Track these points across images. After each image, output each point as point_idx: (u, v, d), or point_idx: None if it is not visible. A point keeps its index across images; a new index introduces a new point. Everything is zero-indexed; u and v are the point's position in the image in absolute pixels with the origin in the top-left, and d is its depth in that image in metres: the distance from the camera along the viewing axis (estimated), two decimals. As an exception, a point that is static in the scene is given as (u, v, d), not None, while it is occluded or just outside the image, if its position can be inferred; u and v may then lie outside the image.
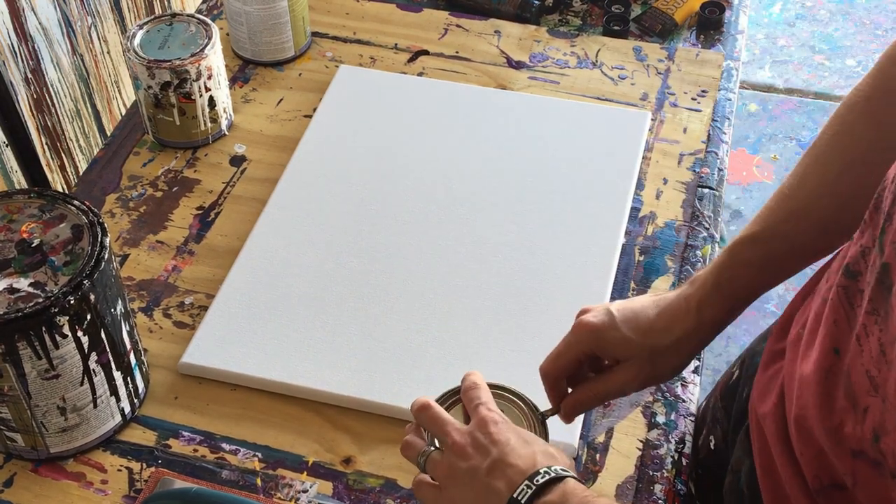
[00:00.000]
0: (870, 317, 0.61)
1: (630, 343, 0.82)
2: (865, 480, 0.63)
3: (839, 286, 0.67)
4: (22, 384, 0.85)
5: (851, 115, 0.79)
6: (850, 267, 0.66)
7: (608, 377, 0.84)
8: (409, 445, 0.78)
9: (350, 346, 1.00)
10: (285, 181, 1.17)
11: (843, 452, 0.64)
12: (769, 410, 0.77)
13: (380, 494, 0.91)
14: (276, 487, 0.92)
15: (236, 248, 1.10)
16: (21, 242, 0.87)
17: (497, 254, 1.09)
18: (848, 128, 0.79)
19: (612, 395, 0.84)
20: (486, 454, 0.73)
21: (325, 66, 1.33)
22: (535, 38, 1.36)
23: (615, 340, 0.82)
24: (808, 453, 0.70)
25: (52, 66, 1.24)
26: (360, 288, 1.05)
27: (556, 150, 1.20)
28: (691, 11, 1.39)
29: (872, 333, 0.61)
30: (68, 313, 0.83)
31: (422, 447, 0.77)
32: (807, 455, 0.70)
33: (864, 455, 0.62)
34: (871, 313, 0.61)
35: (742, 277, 0.82)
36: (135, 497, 0.91)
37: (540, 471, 0.71)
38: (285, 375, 0.98)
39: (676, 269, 1.09)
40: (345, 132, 1.22)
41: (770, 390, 0.78)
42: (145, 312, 1.05)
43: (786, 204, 0.81)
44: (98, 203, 1.16)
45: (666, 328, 0.82)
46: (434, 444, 0.77)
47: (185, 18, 1.20)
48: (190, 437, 0.95)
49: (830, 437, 0.65)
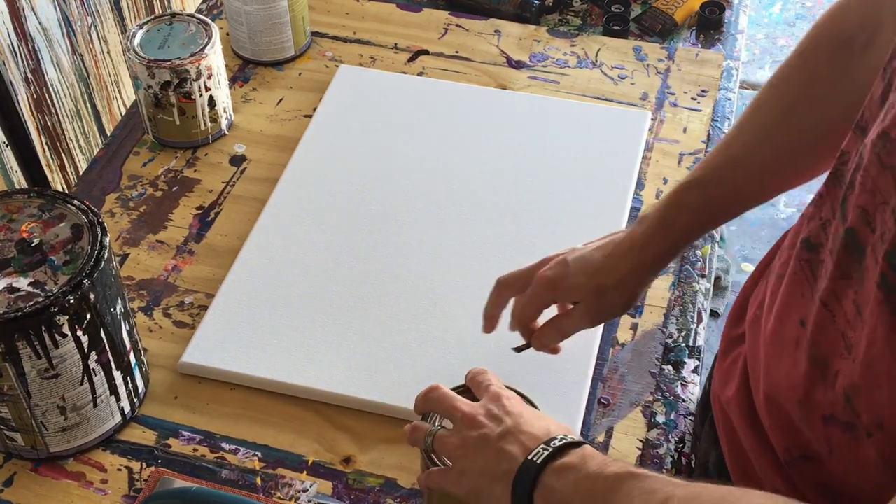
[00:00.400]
0: (840, 282, 0.64)
1: (581, 287, 0.89)
2: (839, 446, 0.65)
3: (801, 260, 0.70)
4: (22, 383, 0.85)
5: (788, 69, 0.85)
6: (811, 240, 0.69)
7: (566, 317, 0.91)
8: (415, 428, 0.79)
9: (350, 346, 1.00)
10: (285, 181, 1.17)
11: (815, 420, 0.66)
12: (732, 395, 0.79)
13: (379, 494, 0.91)
14: (275, 487, 0.92)
15: (236, 247, 1.10)
16: (21, 242, 0.87)
17: (497, 253, 1.09)
18: (784, 79, 0.85)
19: (571, 331, 0.92)
20: (499, 423, 0.73)
21: (325, 66, 1.33)
22: (535, 38, 1.36)
23: (569, 287, 0.89)
24: (778, 427, 0.71)
25: (52, 66, 1.24)
26: (359, 288, 1.05)
27: (556, 150, 1.20)
28: (691, 11, 1.39)
29: (847, 297, 0.63)
30: (68, 313, 0.83)
31: (428, 428, 0.77)
32: (777, 429, 0.72)
33: (835, 420, 0.64)
34: (841, 278, 0.64)
35: (684, 219, 0.87)
36: (135, 496, 0.91)
37: (556, 436, 0.71)
38: (285, 375, 0.98)
39: (676, 268, 1.09)
40: (345, 132, 1.22)
41: (732, 376, 0.80)
42: (145, 312, 1.05)
43: (726, 151, 0.87)
44: (98, 203, 1.16)
45: (612, 267, 0.88)
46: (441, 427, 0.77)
47: (185, 18, 1.20)
48: (190, 436, 0.95)
49: (802, 407, 0.67)
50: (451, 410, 0.77)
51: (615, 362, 1.01)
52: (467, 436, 0.74)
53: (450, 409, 0.77)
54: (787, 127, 0.84)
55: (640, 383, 0.99)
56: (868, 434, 0.62)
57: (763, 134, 0.85)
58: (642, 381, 0.99)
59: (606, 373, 1.00)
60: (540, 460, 0.69)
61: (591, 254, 0.90)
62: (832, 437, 0.66)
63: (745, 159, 0.86)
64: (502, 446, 0.72)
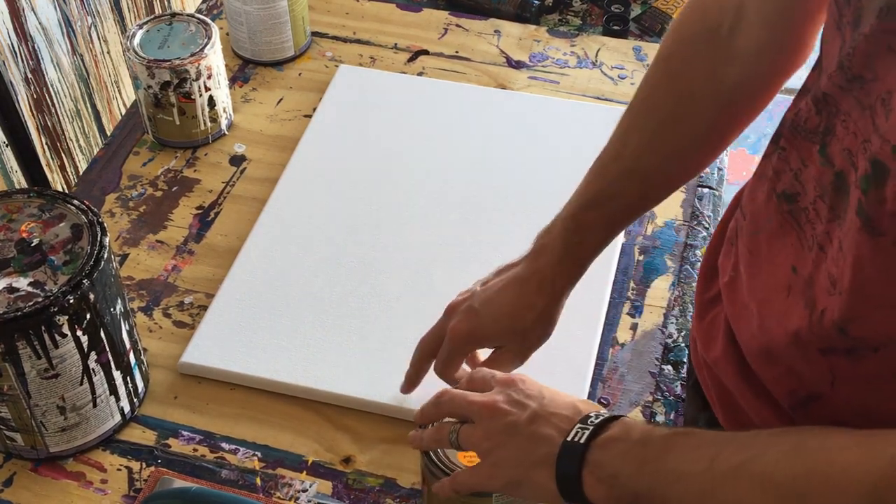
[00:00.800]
0: (832, 224, 0.65)
1: (499, 333, 0.89)
2: (843, 374, 0.65)
3: (782, 212, 0.70)
4: (21, 383, 0.85)
5: (655, 77, 0.84)
6: (788, 192, 0.70)
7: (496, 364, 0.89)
8: (439, 428, 0.77)
9: (350, 346, 1.00)
10: (285, 181, 1.17)
11: (813, 356, 0.67)
12: (720, 355, 0.79)
13: (379, 494, 0.91)
14: (275, 487, 0.92)
15: (236, 247, 1.10)
16: (20, 242, 0.87)
17: (497, 253, 1.08)
18: (653, 89, 0.84)
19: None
20: (524, 407, 0.72)
21: (325, 66, 1.33)
22: (535, 38, 1.36)
23: (486, 336, 0.89)
24: (778, 375, 0.72)
25: (52, 66, 1.24)
26: (360, 287, 1.05)
27: (556, 151, 1.20)
28: (691, 11, 1.39)
29: (835, 237, 0.64)
30: (68, 313, 0.83)
31: (450, 426, 0.75)
32: (777, 378, 0.72)
33: (833, 350, 0.65)
34: (832, 220, 0.65)
35: (588, 241, 0.88)
36: (134, 496, 0.91)
37: (590, 414, 0.70)
38: (285, 375, 0.98)
39: (676, 268, 1.09)
40: (345, 132, 1.22)
41: (714, 336, 0.80)
42: (145, 312, 1.05)
43: (614, 166, 0.86)
44: (98, 203, 1.16)
45: (527, 307, 0.88)
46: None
47: (185, 18, 1.20)
48: (189, 436, 0.95)
49: (798, 347, 0.68)
50: (468, 406, 0.75)
51: (615, 362, 1.01)
52: (493, 426, 0.72)
53: (466, 405, 0.75)
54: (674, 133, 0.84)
55: (640, 383, 0.99)
56: (874, 350, 0.63)
57: (651, 139, 0.84)
58: (642, 381, 0.99)
59: (606, 373, 1.00)
60: (583, 440, 0.68)
61: (498, 296, 0.88)
62: (835, 367, 0.66)
63: (637, 169, 0.85)
64: (535, 430, 0.70)
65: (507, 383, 0.75)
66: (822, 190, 0.66)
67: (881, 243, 0.59)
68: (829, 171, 0.66)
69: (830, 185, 0.65)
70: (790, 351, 0.69)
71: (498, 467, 0.72)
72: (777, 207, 0.72)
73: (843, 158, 0.64)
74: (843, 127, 0.64)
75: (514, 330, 0.88)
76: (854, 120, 0.63)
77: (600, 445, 0.68)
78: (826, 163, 0.66)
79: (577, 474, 0.68)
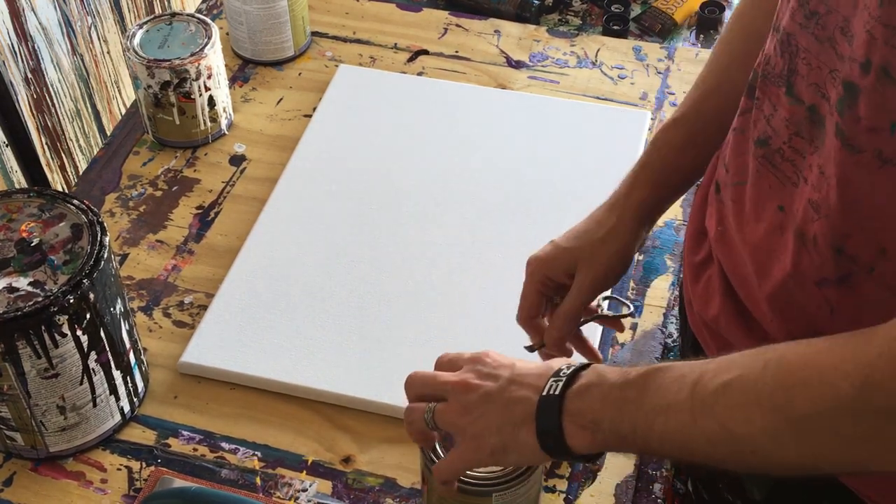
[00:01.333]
0: (813, 156, 0.67)
1: (571, 251, 0.87)
2: (840, 305, 0.67)
3: (759, 158, 0.72)
4: (21, 383, 0.86)
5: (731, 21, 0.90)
6: (761, 138, 0.72)
7: (567, 295, 0.88)
8: (411, 410, 0.77)
9: (350, 346, 1.00)
10: (285, 181, 1.17)
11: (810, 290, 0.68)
12: (719, 311, 0.79)
13: (379, 493, 0.91)
14: (275, 486, 0.92)
15: (236, 247, 1.10)
16: (20, 241, 0.87)
17: (497, 252, 1.09)
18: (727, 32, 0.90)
19: (575, 308, 0.88)
20: (495, 378, 0.72)
21: (325, 66, 1.33)
22: (535, 38, 1.36)
23: (559, 258, 0.88)
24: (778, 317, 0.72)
25: (52, 66, 1.24)
26: (359, 287, 1.05)
27: (555, 150, 1.20)
28: (691, 11, 1.39)
29: (813, 164, 0.67)
30: (67, 312, 0.83)
31: (425, 406, 0.75)
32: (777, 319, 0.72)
33: (827, 281, 0.66)
34: (813, 153, 0.67)
35: (666, 157, 0.88)
36: (134, 496, 0.91)
37: (561, 367, 0.70)
38: (285, 375, 0.98)
39: (676, 268, 1.09)
40: (344, 132, 1.22)
41: (710, 294, 0.81)
42: (145, 312, 1.05)
43: (701, 86, 0.90)
44: (98, 202, 1.16)
45: (598, 223, 0.88)
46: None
47: (185, 18, 1.20)
48: (189, 436, 0.95)
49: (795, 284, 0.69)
50: (440, 386, 0.74)
51: (615, 362, 1.01)
52: (468, 400, 0.72)
53: (438, 384, 0.75)
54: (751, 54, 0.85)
55: (640, 383, 0.99)
56: (870, 270, 0.64)
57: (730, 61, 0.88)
58: (642, 381, 0.99)
59: None
60: (557, 391, 0.68)
61: (577, 224, 0.90)
62: (831, 298, 0.67)
63: (718, 89, 0.87)
64: (510, 395, 0.70)
65: (475, 360, 0.75)
66: (797, 127, 0.68)
67: (861, 160, 0.61)
68: (800, 108, 0.68)
69: (805, 119, 0.67)
70: (788, 289, 0.70)
71: (480, 438, 0.71)
72: (754, 154, 0.73)
73: (811, 93, 0.66)
74: (805, 65, 0.66)
75: (585, 248, 0.87)
76: (815, 55, 0.65)
77: (576, 394, 0.68)
78: (795, 101, 0.68)
79: (559, 426, 0.68)
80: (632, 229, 0.88)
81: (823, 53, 0.64)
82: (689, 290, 0.86)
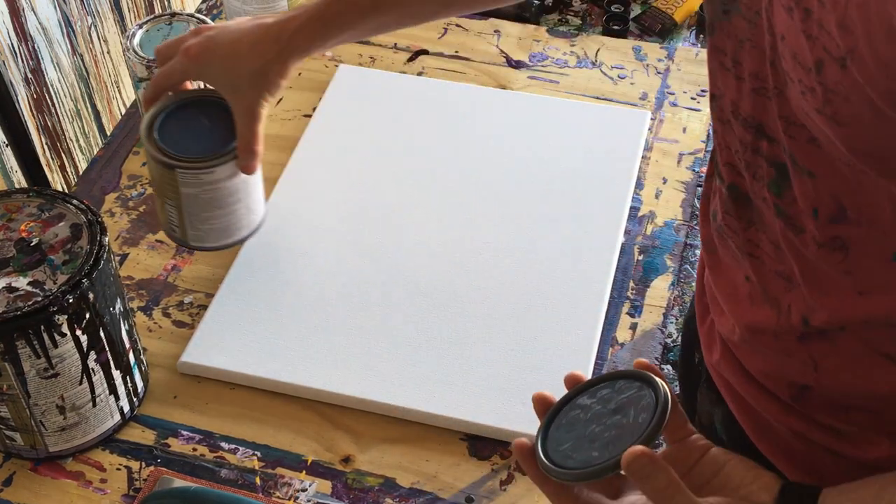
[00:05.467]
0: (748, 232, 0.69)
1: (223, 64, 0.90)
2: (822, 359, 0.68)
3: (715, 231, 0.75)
4: (21, 383, 0.86)
5: None
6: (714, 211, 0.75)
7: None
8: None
9: (350, 346, 1.00)
10: (285, 181, 1.17)
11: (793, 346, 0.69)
12: (720, 357, 0.80)
13: (378, 493, 0.91)
14: (275, 486, 0.92)
15: (236, 247, 1.10)
16: (20, 241, 0.87)
17: (496, 253, 1.09)
18: None
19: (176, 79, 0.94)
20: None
21: (325, 66, 1.33)
22: (535, 38, 1.36)
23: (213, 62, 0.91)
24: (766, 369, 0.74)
25: (52, 66, 1.24)
26: (359, 287, 1.05)
27: (555, 150, 1.20)
28: (691, 11, 1.39)
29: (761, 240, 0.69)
30: (67, 312, 0.83)
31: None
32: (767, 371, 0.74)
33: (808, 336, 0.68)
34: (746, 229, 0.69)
35: (346, 17, 0.91)
36: (134, 496, 0.91)
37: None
38: (285, 375, 0.98)
39: (675, 268, 1.09)
40: (344, 132, 1.22)
41: (713, 339, 0.82)
42: (145, 312, 1.05)
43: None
44: (98, 202, 1.16)
45: (259, 52, 0.89)
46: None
47: (185, 18, 1.20)
48: (189, 436, 0.95)
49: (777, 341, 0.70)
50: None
51: (614, 362, 1.01)
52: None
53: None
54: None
55: (640, 383, 0.99)
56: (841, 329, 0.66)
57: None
58: (642, 381, 0.99)
59: (606, 373, 1.00)
60: None
61: (238, 32, 0.90)
62: (813, 352, 0.68)
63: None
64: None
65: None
66: (726, 206, 0.71)
67: (804, 239, 0.62)
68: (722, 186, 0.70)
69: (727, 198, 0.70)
70: (770, 345, 0.71)
71: None
72: (712, 226, 0.76)
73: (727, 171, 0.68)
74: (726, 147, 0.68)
75: (233, 68, 0.89)
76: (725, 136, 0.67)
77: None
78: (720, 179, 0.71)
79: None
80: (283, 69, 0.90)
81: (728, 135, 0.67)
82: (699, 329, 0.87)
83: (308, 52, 0.91)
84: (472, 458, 0.93)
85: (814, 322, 0.66)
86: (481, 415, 0.94)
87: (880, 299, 0.62)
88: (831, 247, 0.62)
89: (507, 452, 0.93)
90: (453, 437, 0.95)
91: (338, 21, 0.90)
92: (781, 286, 0.68)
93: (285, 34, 0.89)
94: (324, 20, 0.90)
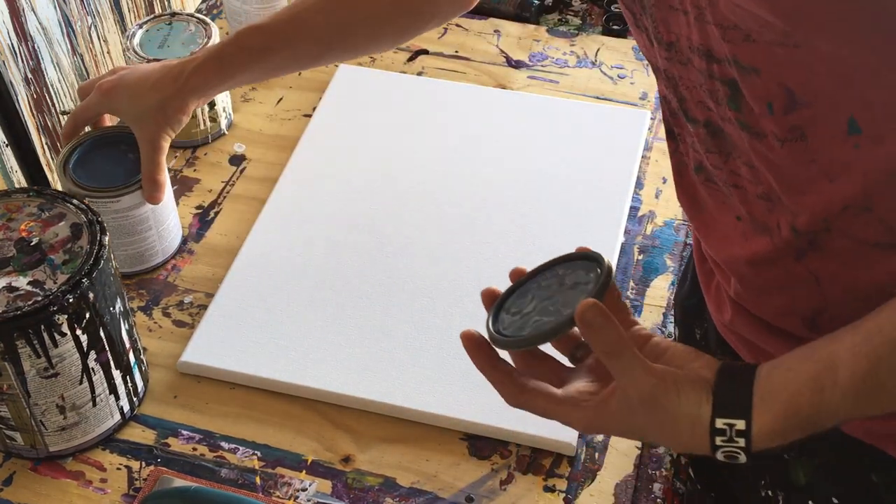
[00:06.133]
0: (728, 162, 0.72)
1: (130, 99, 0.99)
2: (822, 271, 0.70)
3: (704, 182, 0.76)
4: (21, 383, 0.86)
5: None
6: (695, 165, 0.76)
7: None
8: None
9: (350, 346, 1.00)
10: (285, 180, 1.17)
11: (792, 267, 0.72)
12: (731, 316, 0.82)
13: (379, 493, 0.91)
14: (275, 486, 0.92)
15: (236, 247, 1.10)
16: (20, 241, 0.87)
17: (496, 252, 1.09)
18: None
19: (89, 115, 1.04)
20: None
21: (325, 66, 1.33)
22: (535, 38, 1.36)
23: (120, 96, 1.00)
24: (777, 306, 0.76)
25: (52, 66, 1.24)
26: (359, 287, 1.05)
27: (555, 150, 1.20)
28: (691, 11, 1.39)
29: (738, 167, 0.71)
30: (67, 312, 0.83)
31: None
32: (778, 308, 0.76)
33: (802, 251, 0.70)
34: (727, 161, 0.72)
35: (239, 58, 0.98)
36: (134, 496, 0.91)
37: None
38: (284, 374, 0.98)
39: (675, 267, 1.09)
40: (344, 131, 1.23)
41: (721, 300, 0.84)
42: (145, 311, 1.05)
43: (295, 10, 0.98)
44: (98, 202, 1.16)
45: (157, 87, 0.98)
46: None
47: (185, 18, 1.20)
48: (189, 435, 0.95)
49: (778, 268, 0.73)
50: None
51: (614, 361, 1.01)
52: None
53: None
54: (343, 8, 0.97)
55: (640, 382, 0.99)
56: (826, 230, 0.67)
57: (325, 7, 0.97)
58: (641, 381, 0.99)
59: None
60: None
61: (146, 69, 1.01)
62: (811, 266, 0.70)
63: (308, 26, 0.97)
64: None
65: None
66: (706, 145, 0.72)
67: (769, 143, 0.66)
68: (698, 127, 0.72)
69: (707, 135, 0.71)
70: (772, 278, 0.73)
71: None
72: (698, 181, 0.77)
73: (700, 111, 0.70)
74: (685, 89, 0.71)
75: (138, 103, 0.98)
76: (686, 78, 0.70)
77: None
78: (693, 123, 0.72)
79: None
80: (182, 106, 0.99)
81: (690, 74, 0.69)
82: (706, 295, 0.88)
83: (206, 90, 0.99)
84: (472, 457, 0.93)
85: (800, 227, 0.68)
86: (481, 415, 0.94)
87: (849, 180, 0.64)
88: (792, 138, 0.64)
89: (507, 452, 0.93)
90: (453, 436, 0.95)
91: (233, 62, 0.98)
92: (765, 207, 0.70)
93: (184, 74, 0.98)
94: (220, 61, 0.98)
